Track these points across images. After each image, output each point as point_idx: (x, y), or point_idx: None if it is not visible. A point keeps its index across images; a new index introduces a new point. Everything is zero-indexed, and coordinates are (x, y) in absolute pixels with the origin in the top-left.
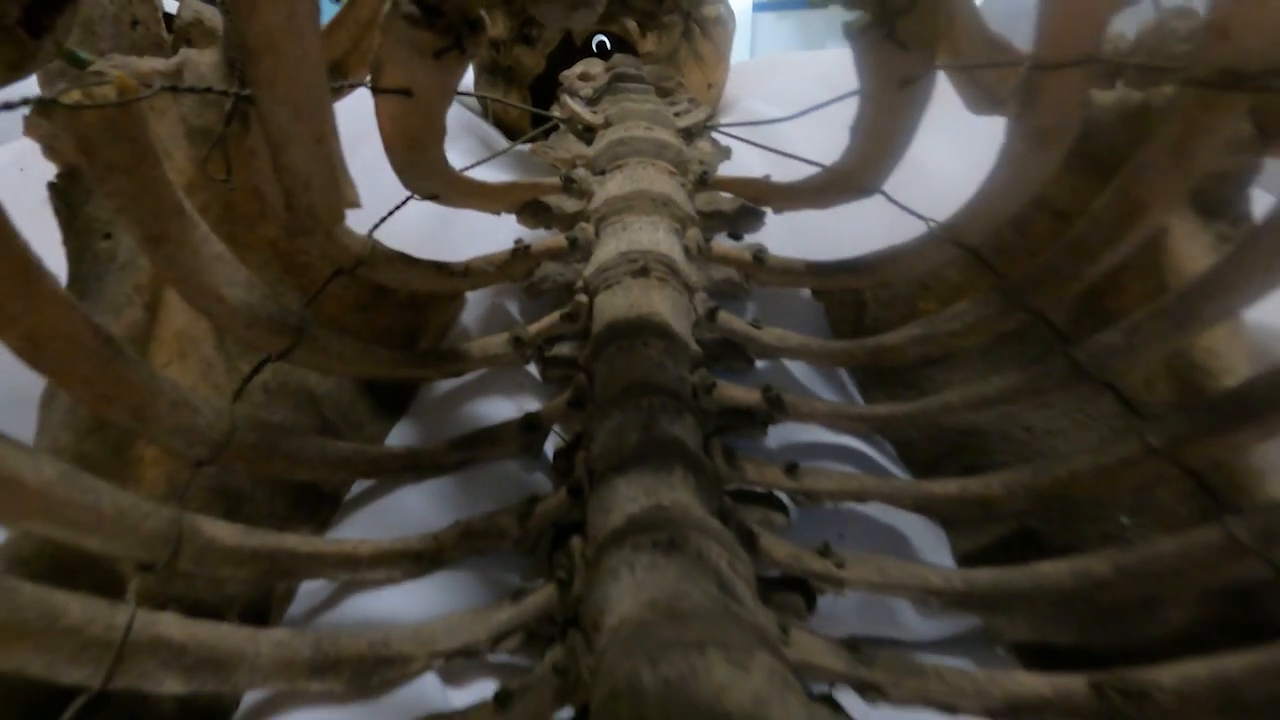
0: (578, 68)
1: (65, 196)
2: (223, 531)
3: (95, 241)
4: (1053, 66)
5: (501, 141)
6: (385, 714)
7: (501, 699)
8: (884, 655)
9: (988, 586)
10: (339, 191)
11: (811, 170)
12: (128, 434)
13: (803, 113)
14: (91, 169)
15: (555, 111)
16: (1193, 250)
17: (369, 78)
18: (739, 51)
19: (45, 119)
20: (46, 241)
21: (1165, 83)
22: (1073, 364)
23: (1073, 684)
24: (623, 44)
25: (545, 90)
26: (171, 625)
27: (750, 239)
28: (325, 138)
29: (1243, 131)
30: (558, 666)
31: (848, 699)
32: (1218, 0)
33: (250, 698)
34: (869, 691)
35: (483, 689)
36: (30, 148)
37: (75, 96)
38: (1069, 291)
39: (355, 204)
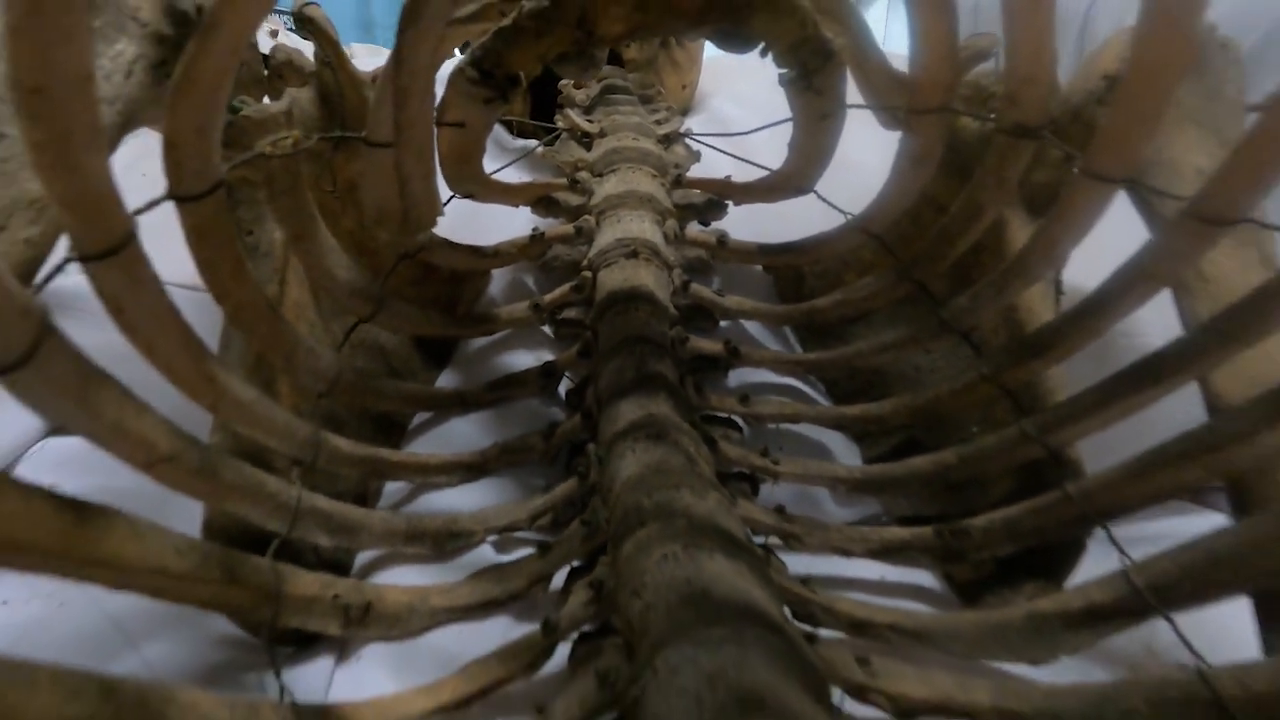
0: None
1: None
2: (342, 444)
3: (242, 237)
4: (920, 111)
5: (509, 140)
6: (455, 570)
7: (542, 549)
8: (801, 517)
9: (878, 475)
10: (434, 207)
11: (762, 172)
12: (273, 372)
13: (755, 130)
14: (269, 192)
15: (559, 122)
16: (1022, 239)
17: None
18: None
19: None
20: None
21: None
22: (940, 321)
23: (923, 532)
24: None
25: (542, 88)
26: (321, 501)
27: (715, 226)
28: (430, 174)
29: (1056, 155)
30: (584, 520)
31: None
32: (1007, 77)
33: (363, 557)
34: (790, 539)
35: (524, 554)
36: (142, 151)
37: (269, 148)
38: (941, 268)
39: (441, 213)
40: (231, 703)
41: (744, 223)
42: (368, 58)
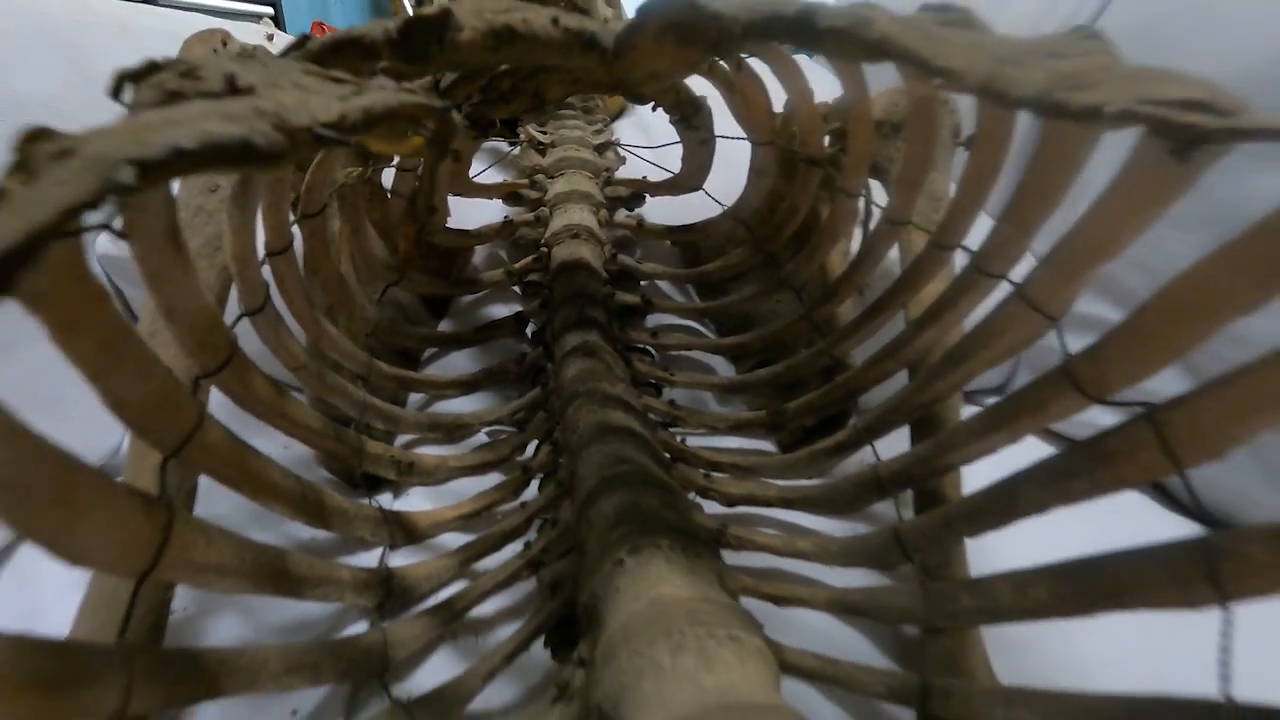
0: None
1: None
2: (385, 367)
3: None
4: (759, 142)
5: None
6: (461, 448)
7: (521, 427)
8: (684, 406)
9: (739, 382)
10: (446, 209)
11: (668, 174)
12: (336, 319)
13: (664, 144)
14: (340, 203)
15: (520, 134)
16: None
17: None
18: None
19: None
20: None
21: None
22: (779, 279)
23: (760, 414)
24: None
25: None
26: (378, 401)
27: (636, 212)
28: (446, 190)
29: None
30: (546, 410)
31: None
32: (798, 127)
33: (400, 439)
34: (677, 420)
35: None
36: None
37: (345, 177)
38: (783, 240)
39: (449, 213)
40: (350, 500)
41: (657, 210)
42: None
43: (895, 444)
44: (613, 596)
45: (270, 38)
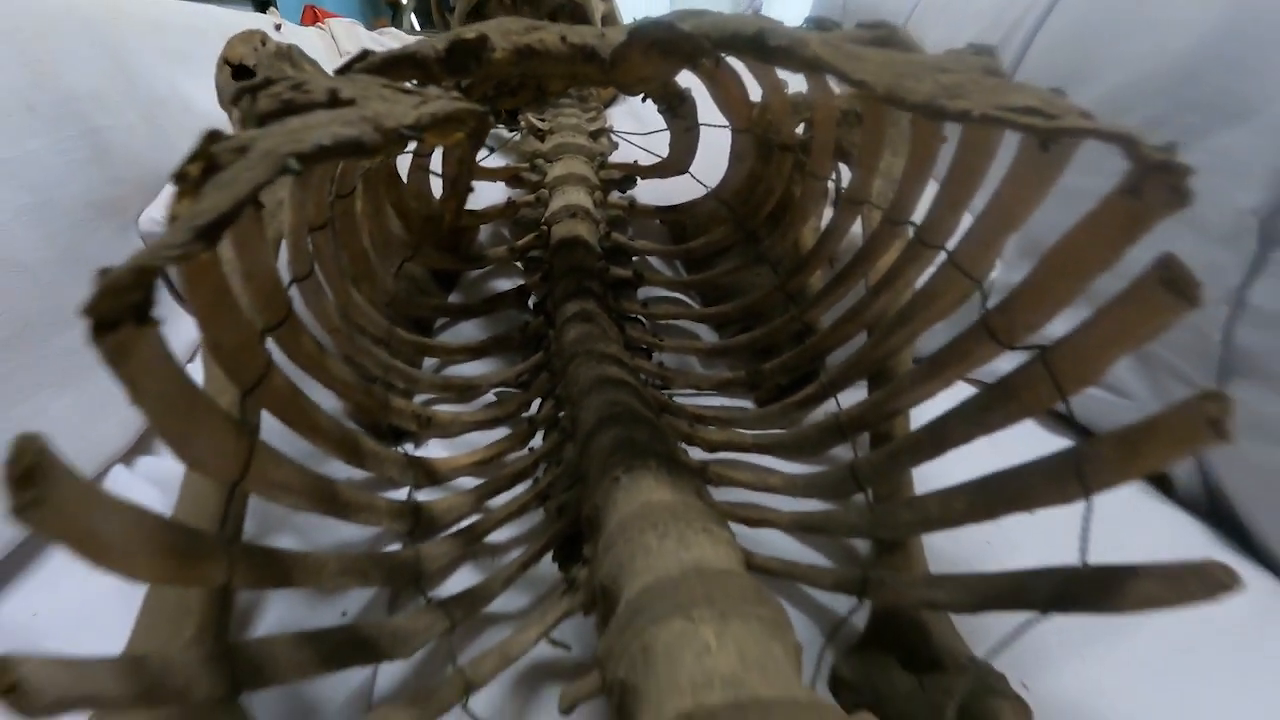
0: None
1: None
2: (403, 334)
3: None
4: (738, 130)
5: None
6: (472, 406)
7: (524, 385)
8: (671, 368)
9: (721, 346)
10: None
11: (657, 159)
12: (360, 289)
13: (652, 132)
14: (364, 185)
15: (521, 122)
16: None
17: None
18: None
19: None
20: None
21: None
22: (758, 254)
23: (739, 373)
24: None
25: None
26: (398, 364)
27: (628, 194)
28: (467, 175)
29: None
30: (548, 370)
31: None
32: (773, 117)
33: (419, 399)
34: (667, 383)
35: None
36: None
37: (368, 164)
38: (761, 218)
39: (473, 190)
40: (380, 445)
41: (647, 192)
42: (343, 36)
43: (856, 396)
44: (610, 506)
45: (278, 27)
